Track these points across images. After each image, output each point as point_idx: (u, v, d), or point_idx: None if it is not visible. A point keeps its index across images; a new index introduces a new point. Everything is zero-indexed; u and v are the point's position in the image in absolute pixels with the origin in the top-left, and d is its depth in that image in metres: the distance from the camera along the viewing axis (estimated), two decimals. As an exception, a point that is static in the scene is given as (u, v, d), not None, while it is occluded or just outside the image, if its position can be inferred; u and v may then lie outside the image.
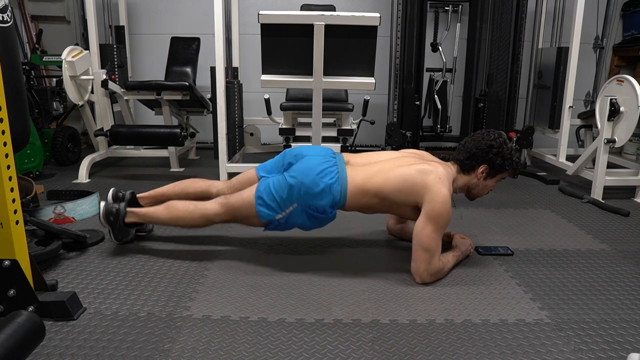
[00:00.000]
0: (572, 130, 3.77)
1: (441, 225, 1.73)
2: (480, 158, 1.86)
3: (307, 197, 1.78)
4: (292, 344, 1.38)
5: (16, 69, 1.71)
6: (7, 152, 1.35)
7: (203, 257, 1.98)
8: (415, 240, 1.75)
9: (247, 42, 4.20)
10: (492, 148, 1.85)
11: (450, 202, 1.73)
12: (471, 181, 1.91)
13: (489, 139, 1.86)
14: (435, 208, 1.71)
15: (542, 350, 1.37)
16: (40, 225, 1.88)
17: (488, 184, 1.92)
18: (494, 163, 1.86)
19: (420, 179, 1.75)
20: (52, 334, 1.39)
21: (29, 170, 3.11)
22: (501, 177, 1.92)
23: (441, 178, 1.75)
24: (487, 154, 1.85)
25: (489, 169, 1.88)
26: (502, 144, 1.86)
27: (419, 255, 1.74)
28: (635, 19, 4.24)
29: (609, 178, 2.92)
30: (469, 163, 1.88)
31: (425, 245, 1.72)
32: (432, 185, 1.73)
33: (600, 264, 1.99)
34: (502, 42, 3.58)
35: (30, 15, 4.27)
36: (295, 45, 2.39)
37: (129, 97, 3.54)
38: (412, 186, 1.76)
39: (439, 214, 1.71)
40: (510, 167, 1.89)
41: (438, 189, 1.72)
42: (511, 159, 1.87)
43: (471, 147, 1.87)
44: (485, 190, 1.94)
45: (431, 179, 1.74)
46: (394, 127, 3.58)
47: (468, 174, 1.91)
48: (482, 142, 1.86)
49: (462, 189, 1.94)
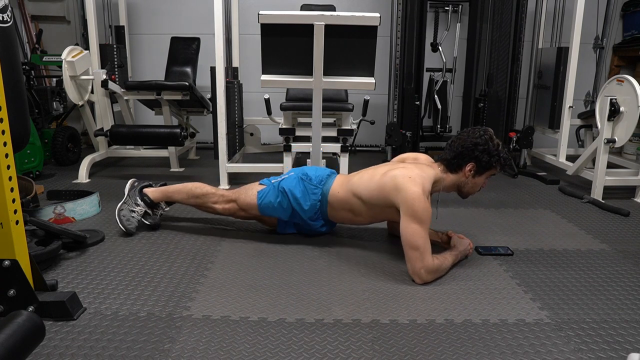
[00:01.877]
0: (572, 130, 3.77)
1: (422, 220, 1.75)
2: (466, 156, 1.89)
3: (303, 169, 2.13)
4: (292, 344, 1.38)
5: (16, 69, 1.71)
6: (7, 152, 1.35)
7: (203, 257, 1.99)
8: (403, 241, 1.78)
9: (247, 42, 4.20)
10: (477, 146, 1.87)
11: (422, 198, 1.76)
12: (460, 180, 1.94)
13: (474, 137, 1.88)
14: (409, 205, 1.76)
15: (542, 350, 1.37)
16: (40, 225, 1.87)
17: (478, 182, 1.94)
18: (480, 160, 1.88)
19: (390, 181, 1.85)
20: (52, 334, 1.39)
21: (29, 170, 3.11)
22: (490, 173, 1.94)
23: (411, 177, 1.80)
24: (473, 152, 1.87)
25: (477, 167, 1.90)
26: (488, 140, 1.88)
27: (411, 255, 1.77)
28: (635, 19, 4.24)
29: (609, 178, 2.92)
30: (455, 162, 1.91)
31: (413, 243, 1.75)
32: (401, 185, 1.80)
33: (600, 264, 1.99)
34: (502, 42, 3.58)
35: (30, 15, 4.27)
36: (295, 45, 2.39)
37: (129, 97, 3.54)
38: (384, 188, 1.86)
39: (415, 210, 1.75)
40: (498, 163, 1.90)
41: (407, 187, 1.78)
42: (498, 155, 1.89)
43: (457, 146, 1.90)
44: (476, 187, 1.96)
45: (400, 179, 1.81)
46: (394, 127, 3.58)
47: (456, 173, 1.93)
48: (468, 140, 1.89)
49: (452, 187, 1.97)
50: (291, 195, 2.04)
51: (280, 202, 2.06)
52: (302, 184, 2.06)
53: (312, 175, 2.08)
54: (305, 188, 2.05)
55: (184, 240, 2.17)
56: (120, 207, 2.20)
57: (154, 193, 2.25)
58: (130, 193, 2.24)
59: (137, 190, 2.24)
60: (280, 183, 2.08)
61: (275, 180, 2.12)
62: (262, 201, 2.08)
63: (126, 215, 2.16)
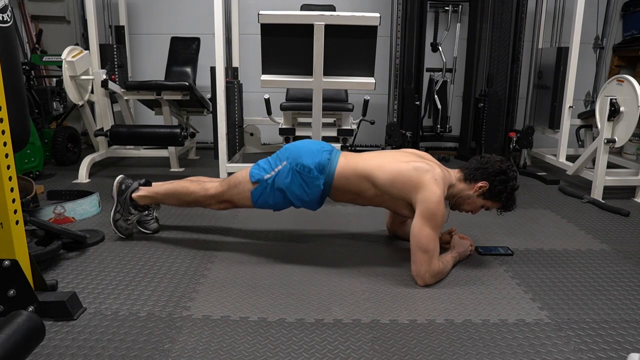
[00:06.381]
0: (572, 130, 3.78)
1: (437, 225, 1.73)
2: (487, 175, 1.86)
3: (297, 156, 1.89)
4: (292, 344, 1.38)
5: (16, 69, 1.71)
6: (7, 152, 1.35)
7: (203, 257, 1.99)
8: (413, 242, 1.75)
9: (247, 42, 4.20)
10: (501, 174, 1.85)
11: (443, 202, 1.74)
12: (466, 192, 1.90)
13: (504, 166, 1.87)
14: (430, 207, 1.72)
15: (542, 350, 1.37)
16: (40, 225, 1.87)
17: (477, 203, 1.91)
18: (494, 186, 1.86)
19: (415, 176, 1.77)
20: (52, 334, 1.39)
21: (29, 170, 3.11)
22: (491, 204, 1.91)
23: (437, 179, 1.76)
24: (495, 176, 1.85)
25: (487, 189, 1.87)
26: (512, 178, 1.87)
27: (419, 257, 1.74)
28: (635, 19, 4.24)
29: (609, 178, 2.92)
30: (476, 174, 1.88)
31: (424, 246, 1.72)
32: (427, 184, 1.74)
33: (600, 264, 1.99)
34: (502, 42, 3.58)
35: (30, 15, 4.27)
36: (295, 45, 2.39)
37: (129, 97, 3.54)
38: (406, 181, 1.78)
39: (434, 213, 1.72)
40: (505, 200, 1.88)
41: (432, 188, 1.73)
42: (511, 194, 1.88)
43: (485, 162, 1.89)
44: (470, 207, 1.93)
45: (427, 178, 1.75)
46: (394, 127, 3.58)
47: (468, 184, 1.90)
48: (497, 164, 1.88)
49: (454, 196, 1.93)
50: (290, 193, 1.93)
51: (278, 200, 1.97)
52: (298, 178, 1.89)
53: (310, 164, 1.87)
54: (304, 181, 1.89)
55: (184, 240, 2.17)
56: (114, 216, 2.13)
57: (144, 200, 2.14)
58: (120, 200, 2.14)
59: (127, 199, 2.13)
60: (275, 180, 1.91)
61: (268, 175, 1.91)
62: (258, 200, 1.97)
63: (122, 226, 2.14)
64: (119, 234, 2.14)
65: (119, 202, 2.14)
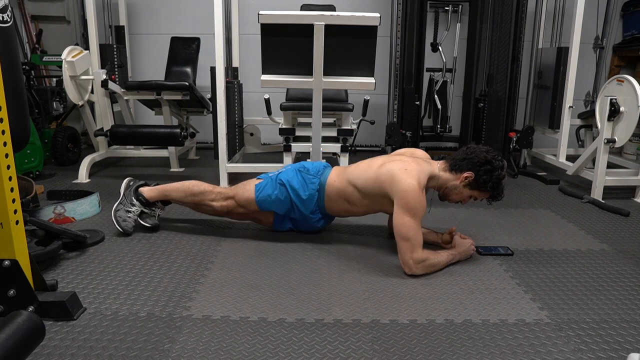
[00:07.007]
0: (572, 130, 3.77)
1: (415, 213, 1.78)
2: (472, 165, 1.90)
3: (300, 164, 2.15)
4: (292, 344, 1.38)
5: (16, 69, 1.71)
6: (7, 152, 1.35)
7: (203, 257, 1.99)
8: (395, 232, 1.82)
9: (247, 42, 4.20)
10: (486, 163, 1.88)
11: (417, 191, 1.79)
12: (452, 182, 1.94)
13: (490, 156, 1.90)
14: (404, 197, 1.79)
15: (542, 350, 1.37)
16: (40, 225, 1.87)
17: (464, 193, 1.95)
18: (479, 176, 1.89)
19: (385, 171, 1.88)
20: (52, 334, 1.39)
21: (29, 170, 3.11)
22: (478, 194, 1.94)
23: (407, 169, 1.83)
24: (480, 166, 1.88)
25: (473, 179, 1.90)
26: (498, 167, 1.89)
27: (401, 245, 1.81)
28: (635, 19, 4.23)
29: (609, 178, 2.92)
30: (461, 164, 1.92)
31: (404, 234, 1.79)
32: (397, 176, 1.82)
33: (600, 264, 1.99)
34: (502, 42, 3.58)
35: (30, 15, 4.27)
36: (295, 45, 2.38)
37: (129, 97, 3.54)
38: (380, 177, 1.89)
39: (408, 201, 1.78)
40: (491, 190, 1.91)
41: (403, 178, 1.81)
42: (497, 183, 1.89)
43: (470, 152, 1.92)
44: (458, 197, 1.96)
45: (396, 171, 1.84)
46: (394, 127, 3.57)
47: (454, 174, 1.93)
48: (482, 154, 1.90)
49: (441, 186, 1.97)
50: (289, 187, 2.05)
51: (278, 194, 2.06)
52: (299, 175, 2.08)
53: (310, 167, 2.12)
54: (303, 179, 2.07)
55: (184, 240, 2.17)
56: (116, 207, 2.20)
57: (150, 192, 2.23)
58: (126, 193, 2.23)
59: (132, 190, 2.23)
60: (278, 175, 2.10)
61: (272, 174, 2.14)
62: (260, 194, 2.08)
63: (122, 216, 2.17)
64: (117, 226, 2.15)
65: (124, 195, 2.23)
